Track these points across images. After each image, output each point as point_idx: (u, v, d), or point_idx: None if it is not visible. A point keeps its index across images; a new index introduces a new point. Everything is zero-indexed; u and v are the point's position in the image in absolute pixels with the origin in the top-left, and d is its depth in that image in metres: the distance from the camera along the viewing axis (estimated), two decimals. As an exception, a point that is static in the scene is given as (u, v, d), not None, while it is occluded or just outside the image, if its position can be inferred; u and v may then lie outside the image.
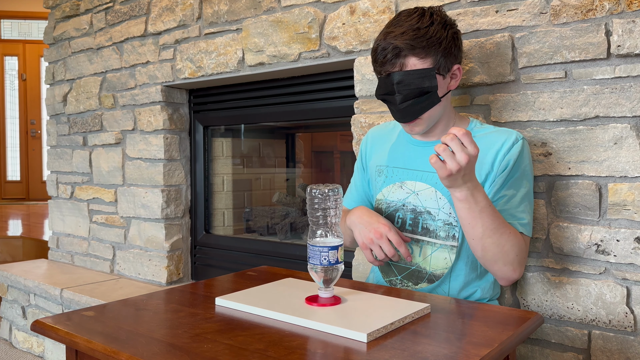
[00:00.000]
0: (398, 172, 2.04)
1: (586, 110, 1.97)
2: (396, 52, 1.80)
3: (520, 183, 1.86)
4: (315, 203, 1.50)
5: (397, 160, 2.07)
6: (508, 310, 1.58)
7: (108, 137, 4.01)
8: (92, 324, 1.48)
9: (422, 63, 1.82)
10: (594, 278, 1.99)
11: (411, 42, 1.80)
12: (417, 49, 1.80)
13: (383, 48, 1.83)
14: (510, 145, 1.85)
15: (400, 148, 2.08)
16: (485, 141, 1.89)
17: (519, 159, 1.85)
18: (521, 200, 1.85)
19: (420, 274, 1.96)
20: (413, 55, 1.81)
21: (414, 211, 1.97)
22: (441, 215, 1.92)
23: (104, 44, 4.01)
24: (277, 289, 1.71)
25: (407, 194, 1.99)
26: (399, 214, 2.01)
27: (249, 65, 3.09)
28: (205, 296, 1.74)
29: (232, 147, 3.90)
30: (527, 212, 1.85)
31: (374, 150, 2.19)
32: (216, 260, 3.69)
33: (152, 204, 3.71)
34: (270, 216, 3.84)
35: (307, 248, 1.52)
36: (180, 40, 3.46)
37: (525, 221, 1.84)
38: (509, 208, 1.84)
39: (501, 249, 1.75)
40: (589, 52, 1.95)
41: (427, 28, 1.82)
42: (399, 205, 2.01)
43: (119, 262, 4.00)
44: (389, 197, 2.04)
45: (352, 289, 1.70)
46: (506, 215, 1.83)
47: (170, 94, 3.67)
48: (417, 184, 1.98)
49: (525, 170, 1.87)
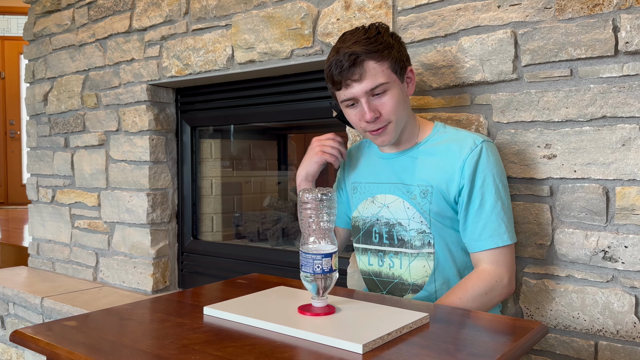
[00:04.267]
0: (369, 187, 2.11)
1: (593, 110, 1.96)
2: (353, 58, 1.85)
3: (485, 190, 1.89)
4: (307, 208, 1.49)
5: (367, 175, 2.14)
6: (510, 320, 1.57)
7: (91, 138, 4.00)
8: (74, 335, 1.47)
9: (380, 66, 1.87)
10: (601, 286, 1.98)
11: (366, 46, 1.86)
12: (372, 52, 1.86)
13: (338, 60, 1.88)
14: (468, 154, 1.89)
15: (370, 163, 2.16)
16: (445, 149, 1.95)
17: (479, 166, 1.89)
18: (492, 209, 1.88)
19: (403, 286, 2.01)
20: (370, 59, 1.86)
21: (387, 224, 2.03)
22: (412, 225, 1.97)
23: (87, 40, 4.00)
24: (268, 298, 1.70)
25: (378, 207, 2.05)
26: (375, 229, 2.07)
27: (239, 63, 3.08)
28: (192, 305, 1.72)
29: (221, 148, 3.89)
30: (501, 219, 1.89)
31: (347, 169, 2.26)
32: (204, 267, 3.67)
33: (137, 208, 3.69)
34: (261, 221, 3.83)
35: (300, 255, 1.51)
36: (167, 37, 3.45)
37: (503, 229, 1.88)
38: (479, 220, 1.89)
39: (481, 305, 1.86)
40: (595, 49, 1.95)
41: (376, 36, 1.89)
42: (373, 220, 2.07)
43: (103, 269, 3.98)
44: (363, 213, 2.11)
45: (346, 298, 1.69)
46: (480, 229, 1.88)
47: (156, 93, 3.66)
48: (386, 196, 2.04)
49: (488, 176, 1.89)
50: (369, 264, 2.09)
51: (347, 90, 1.89)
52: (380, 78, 1.87)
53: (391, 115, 1.91)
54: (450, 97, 2.29)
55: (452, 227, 1.95)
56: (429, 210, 1.93)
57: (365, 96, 1.88)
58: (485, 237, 1.87)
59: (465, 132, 1.98)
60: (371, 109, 1.89)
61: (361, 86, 1.86)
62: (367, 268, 2.10)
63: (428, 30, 2.33)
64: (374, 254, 2.07)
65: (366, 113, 1.89)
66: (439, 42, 2.32)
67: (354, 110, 1.94)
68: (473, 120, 2.22)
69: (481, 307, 1.84)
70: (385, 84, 1.88)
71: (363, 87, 1.87)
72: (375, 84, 1.86)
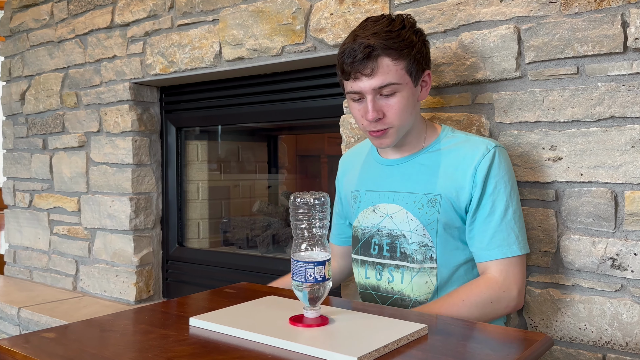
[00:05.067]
0: (370, 195, 2.07)
1: (600, 110, 1.96)
2: (368, 51, 1.81)
3: (497, 197, 1.86)
4: (299, 213, 1.48)
5: (367, 182, 2.11)
6: (513, 331, 1.56)
7: (70, 140, 3.99)
8: (52, 347, 1.45)
9: (395, 65, 1.84)
10: (609, 296, 1.97)
11: (384, 41, 1.82)
12: (390, 49, 1.82)
13: (352, 49, 1.84)
14: (480, 160, 1.87)
15: (370, 169, 2.12)
16: (455, 155, 1.93)
17: (491, 172, 1.87)
18: (502, 217, 1.86)
19: (403, 302, 1.97)
20: (386, 56, 1.83)
21: (389, 235, 1.99)
22: (415, 238, 1.94)
23: (66, 36, 3.99)
24: (257, 308, 1.69)
25: (380, 217, 2.02)
26: (374, 240, 2.03)
27: (227, 60, 3.07)
28: (178, 316, 1.71)
29: (208, 150, 3.88)
30: (512, 228, 1.86)
31: (346, 178, 2.23)
32: (190, 276, 3.66)
33: (120, 213, 3.68)
34: (251, 227, 3.82)
35: (291, 263, 1.50)
36: (151, 33, 3.44)
37: (513, 239, 1.86)
38: (488, 229, 1.86)
39: (484, 315, 1.84)
40: (603, 45, 1.94)
41: (399, 31, 1.85)
42: (373, 230, 2.04)
43: (83, 278, 3.96)
44: (363, 223, 2.08)
45: (340, 308, 1.68)
46: (488, 238, 1.86)
47: (140, 91, 3.65)
48: (389, 206, 2.01)
49: (500, 183, 1.87)
50: (366, 276, 2.06)
51: (354, 82, 1.86)
52: (391, 77, 1.83)
53: (395, 120, 1.88)
54: (450, 96, 2.28)
55: (460, 239, 1.92)
56: (437, 221, 1.90)
57: (373, 93, 1.85)
58: (493, 247, 1.85)
59: (476, 136, 1.96)
60: (375, 108, 1.86)
61: (370, 82, 1.83)
62: (364, 281, 2.07)
63: (426, 26, 2.32)
64: (372, 267, 2.03)
65: (369, 112, 1.86)
66: (438, 38, 2.31)
67: (358, 105, 1.91)
68: (474, 120, 2.22)
69: (483, 316, 1.81)
70: (396, 85, 1.84)
71: (372, 84, 1.83)
72: (385, 83, 1.83)
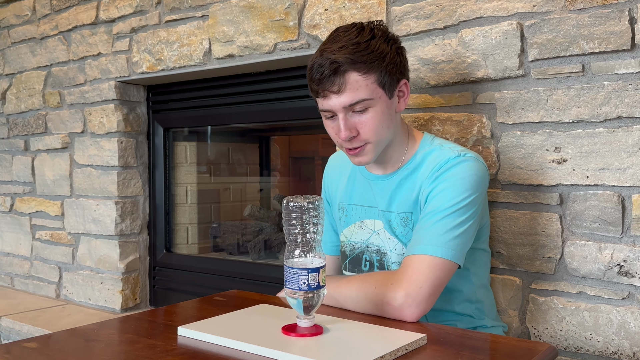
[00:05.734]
0: (357, 210, 2.06)
1: (607, 110, 1.95)
2: (334, 67, 1.77)
3: (441, 200, 1.77)
4: (292, 218, 1.47)
5: (354, 196, 2.08)
6: (516, 341, 1.56)
7: (53, 141, 3.98)
8: (35, 358, 1.44)
9: (365, 79, 1.78)
10: (616, 304, 1.97)
11: (351, 56, 1.77)
12: (358, 63, 1.77)
13: (319, 65, 1.79)
14: (440, 165, 1.81)
15: (356, 182, 2.09)
16: (425, 168, 1.87)
17: (443, 175, 1.80)
18: (439, 220, 1.75)
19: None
20: (354, 71, 1.77)
21: (378, 252, 1.98)
22: (394, 258, 1.93)
23: (49, 33, 3.97)
24: (249, 317, 1.68)
25: (368, 234, 2.01)
26: (365, 256, 2.02)
27: (217, 58, 3.07)
28: (165, 325, 1.71)
29: (197, 152, 3.88)
30: (445, 233, 1.74)
31: (334, 185, 2.20)
32: (179, 283, 3.66)
33: (105, 218, 3.67)
34: (242, 232, 3.82)
35: (284, 270, 1.50)
36: (137, 29, 3.43)
37: (439, 241, 1.73)
38: (419, 228, 1.78)
39: (370, 302, 1.74)
40: (610, 42, 1.94)
41: (368, 42, 1.80)
42: (363, 246, 2.02)
43: (66, 285, 3.96)
44: (352, 239, 2.06)
45: (335, 317, 1.67)
46: (415, 237, 1.78)
47: (126, 90, 3.65)
48: (375, 222, 1.99)
49: (450, 189, 1.78)
50: None
51: (324, 100, 1.82)
52: (361, 93, 1.78)
53: (370, 136, 1.83)
54: (450, 95, 2.28)
55: None
56: (410, 242, 1.84)
57: (343, 111, 1.80)
58: (416, 244, 1.76)
59: (449, 147, 1.88)
60: (348, 126, 1.81)
61: (340, 100, 1.79)
62: None
63: (425, 22, 2.31)
64: None
65: (341, 130, 1.81)
66: (437, 35, 2.31)
67: (331, 122, 1.87)
68: (475, 120, 2.21)
69: (367, 302, 1.74)
70: (367, 101, 1.79)
71: (342, 102, 1.79)
72: (355, 100, 1.78)
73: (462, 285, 1.92)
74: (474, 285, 1.94)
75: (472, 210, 1.77)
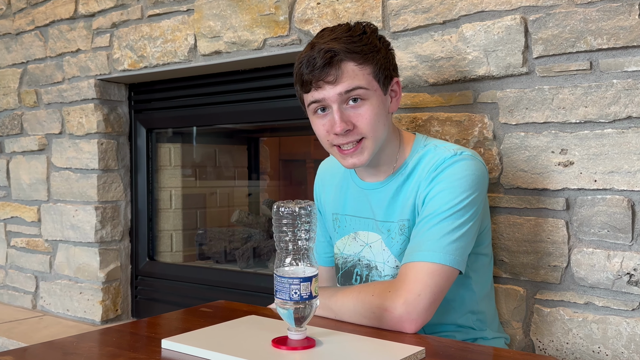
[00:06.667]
0: (350, 220, 2.05)
1: (616, 110, 1.95)
2: (329, 56, 1.77)
3: (439, 202, 1.77)
4: (283, 224, 1.47)
5: (347, 206, 2.07)
6: (519, 355, 1.57)
7: (30, 143, 3.97)
8: (8, 373, 1.44)
9: (361, 69, 1.79)
10: (625, 315, 1.97)
11: (346, 45, 1.78)
12: (353, 53, 1.78)
13: (311, 57, 1.79)
14: (437, 166, 1.81)
15: (348, 192, 2.08)
16: (421, 170, 1.86)
17: (440, 176, 1.80)
18: (435, 225, 1.75)
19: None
20: (350, 60, 1.78)
21: (368, 266, 1.97)
22: (387, 271, 1.92)
23: (25, 28, 3.97)
24: (237, 329, 1.68)
25: (361, 246, 2.00)
26: (357, 270, 2.01)
27: (203, 55, 3.07)
28: (148, 337, 1.71)
29: (182, 154, 3.88)
30: (443, 238, 1.74)
31: (326, 193, 2.19)
32: (162, 293, 3.66)
33: (84, 224, 3.66)
34: (229, 239, 3.82)
35: (274, 279, 1.49)
36: (118, 24, 3.43)
37: (438, 246, 1.73)
38: (416, 234, 1.78)
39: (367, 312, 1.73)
40: (619, 38, 1.93)
41: (360, 36, 1.82)
42: (355, 260, 2.02)
43: (43, 295, 3.94)
44: (345, 251, 2.06)
45: (329, 329, 1.67)
46: (413, 244, 1.78)
47: (106, 89, 3.64)
48: (369, 234, 1.98)
49: (447, 190, 1.78)
50: None
51: (316, 92, 1.81)
52: (358, 81, 1.79)
53: (367, 130, 1.82)
54: (450, 94, 2.28)
55: None
56: (407, 249, 1.83)
57: (338, 102, 1.80)
58: (414, 251, 1.75)
59: (444, 147, 1.88)
60: (343, 119, 1.80)
61: (335, 89, 1.78)
62: None
63: (424, 16, 2.31)
64: None
65: (337, 123, 1.80)
66: (436, 30, 2.30)
67: (322, 119, 1.85)
68: (476, 121, 2.21)
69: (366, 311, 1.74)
70: (364, 90, 1.80)
71: (337, 90, 1.78)
72: (352, 87, 1.78)
73: (463, 294, 1.91)
74: (475, 295, 1.93)
75: (472, 212, 1.77)
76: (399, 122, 2.38)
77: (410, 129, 2.35)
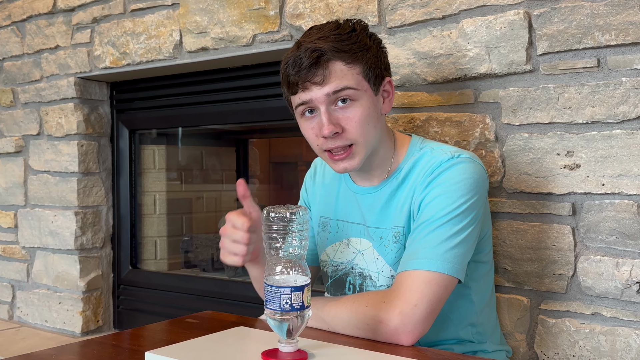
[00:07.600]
0: (342, 226, 2.04)
1: (625, 110, 1.95)
2: (316, 55, 1.76)
3: (435, 208, 1.76)
4: (273, 230, 1.46)
5: (338, 211, 2.06)
6: (525, 368, 1.56)
7: (6, 145, 3.97)
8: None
9: (350, 69, 1.79)
10: (635, 326, 1.96)
11: (334, 44, 1.77)
12: (342, 52, 1.78)
13: (297, 56, 1.79)
14: (434, 169, 1.80)
15: (340, 195, 2.07)
16: (417, 174, 1.85)
17: (437, 180, 1.79)
18: (432, 231, 1.74)
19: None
20: (338, 60, 1.78)
21: (361, 275, 1.96)
22: (382, 281, 1.90)
23: (1, 23, 3.96)
24: (225, 341, 1.67)
25: (353, 254, 1.99)
26: (349, 279, 2.00)
27: (189, 51, 3.07)
28: (131, 350, 1.70)
29: (167, 156, 3.88)
30: (440, 245, 1.72)
31: (315, 188, 2.18)
32: (146, 303, 3.66)
33: (63, 230, 3.66)
34: (216, 247, 3.80)
35: (264, 288, 1.48)
36: (100, 19, 3.42)
37: (435, 254, 1.71)
38: (412, 241, 1.77)
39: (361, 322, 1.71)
40: (628, 34, 1.93)
41: (349, 34, 1.82)
42: (347, 268, 2.00)
43: (20, 305, 3.94)
44: (335, 258, 2.04)
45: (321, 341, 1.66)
46: (408, 252, 1.76)
47: (87, 88, 3.64)
48: (361, 241, 1.97)
49: (445, 194, 1.77)
50: None
51: (303, 93, 1.80)
52: (347, 81, 1.78)
53: (357, 134, 1.81)
54: (450, 93, 2.28)
55: None
56: (402, 257, 1.81)
57: (326, 103, 1.79)
58: (409, 259, 1.74)
59: (440, 149, 1.87)
60: (331, 121, 1.79)
61: (322, 90, 1.77)
62: None
63: (422, 11, 2.31)
64: None
65: (324, 125, 1.79)
66: (435, 26, 2.30)
67: (310, 122, 1.85)
68: (477, 121, 2.21)
69: (359, 322, 1.72)
70: (353, 90, 1.79)
71: (325, 91, 1.77)
72: (340, 87, 1.77)
73: (461, 305, 1.90)
74: (475, 306, 1.92)
75: (471, 217, 1.75)
76: (395, 122, 2.38)
77: (407, 129, 2.35)
